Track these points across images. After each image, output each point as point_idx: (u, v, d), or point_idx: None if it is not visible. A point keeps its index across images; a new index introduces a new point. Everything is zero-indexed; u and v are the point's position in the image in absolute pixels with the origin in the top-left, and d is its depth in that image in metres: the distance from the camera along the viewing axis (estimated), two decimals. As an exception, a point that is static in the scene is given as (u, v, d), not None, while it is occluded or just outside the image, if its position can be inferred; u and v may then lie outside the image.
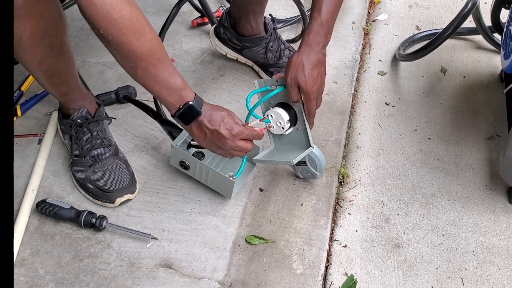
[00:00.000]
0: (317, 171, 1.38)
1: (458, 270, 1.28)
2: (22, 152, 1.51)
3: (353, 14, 2.04)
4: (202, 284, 1.24)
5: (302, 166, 1.39)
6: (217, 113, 1.22)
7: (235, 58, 1.77)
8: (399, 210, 1.41)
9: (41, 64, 1.26)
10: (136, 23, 1.06)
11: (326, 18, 1.24)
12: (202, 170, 1.37)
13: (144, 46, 1.09)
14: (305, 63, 1.24)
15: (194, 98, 1.19)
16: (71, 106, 1.43)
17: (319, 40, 1.25)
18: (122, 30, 1.05)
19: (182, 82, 1.18)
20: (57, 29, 1.22)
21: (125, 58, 1.11)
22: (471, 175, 1.49)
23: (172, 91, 1.17)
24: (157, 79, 1.14)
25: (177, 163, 1.40)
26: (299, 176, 1.43)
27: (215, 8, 1.98)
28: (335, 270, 1.29)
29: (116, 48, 1.09)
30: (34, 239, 1.32)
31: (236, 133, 1.23)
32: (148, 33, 1.09)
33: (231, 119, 1.23)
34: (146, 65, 1.11)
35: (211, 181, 1.39)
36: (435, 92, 1.75)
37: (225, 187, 1.37)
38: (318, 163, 1.36)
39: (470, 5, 1.61)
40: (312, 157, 1.35)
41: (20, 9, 1.09)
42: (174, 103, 1.19)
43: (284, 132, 1.33)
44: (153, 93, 1.19)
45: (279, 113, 1.31)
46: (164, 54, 1.14)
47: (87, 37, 1.91)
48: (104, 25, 1.04)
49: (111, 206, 1.38)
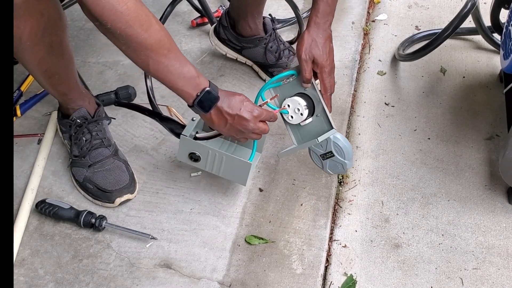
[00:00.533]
0: (345, 159, 1.32)
1: (457, 270, 1.28)
2: (21, 152, 1.51)
3: (352, 14, 2.04)
4: (201, 284, 1.24)
5: (329, 158, 1.33)
6: (235, 98, 1.22)
7: (235, 58, 1.77)
8: (399, 210, 1.41)
9: (40, 63, 1.26)
10: (142, 15, 1.06)
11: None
12: (215, 159, 1.32)
13: (152, 37, 1.08)
14: (317, 38, 1.27)
15: (209, 84, 1.19)
16: (71, 106, 1.43)
17: (327, 19, 1.29)
18: (129, 22, 1.04)
19: (195, 70, 1.17)
20: (56, 29, 1.22)
21: (135, 52, 1.10)
22: (470, 175, 1.49)
23: (187, 80, 1.16)
24: (170, 69, 1.13)
25: (186, 156, 1.35)
26: (329, 173, 1.36)
27: (214, 8, 1.98)
28: (334, 270, 1.29)
29: (125, 43, 1.08)
30: (33, 239, 1.32)
31: (257, 115, 1.23)
32: (155, 24, 1.09)
33: (249, 101, 1.24)
34: (157, 56, 1.11)
35: (224, 169, 1.34)
36: (434, 92, 1.75)
37: (240, 172, 1.33)
38: (344, 148, 1.30)
39: (469, 5, 1.61)
40: (337, 143, 1.31)
41: (19, 9, 1.09)
42: (190, 92, 1.18)
43: (303, 120, 1.31)
44: (168, 84, 1.17)
45: (296, 99, 1.30)
46: (173, 44, 1.13)
47: (87, 37, 1.91)
48: (111, 19, 1.03)
49: (110, 206, 1.38)
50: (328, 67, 1.29)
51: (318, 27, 1.28)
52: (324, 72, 1.29)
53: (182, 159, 1.36)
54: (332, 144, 1.30)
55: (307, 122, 1.32)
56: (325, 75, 1.29)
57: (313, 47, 1.27)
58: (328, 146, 1.31)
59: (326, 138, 1.29)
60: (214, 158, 1.33)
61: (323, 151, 1.32)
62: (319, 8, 1.28)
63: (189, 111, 1.63)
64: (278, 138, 1.56)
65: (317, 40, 1.27)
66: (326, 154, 1.32)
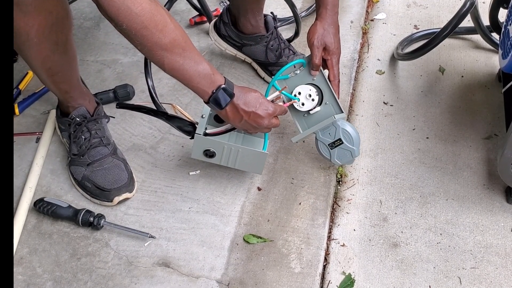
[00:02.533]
0: (354, 146, 1.37)
1: (455, 269, 1.29)
2: (20, 151, 1.51)
3: (351, 13, 2.04)
4: (200, 283, 1.24)
5: (338, 146, 1.38)
6: (251, 95, 1.25)
7: (234, 54, 1.77)
8: (397, 209, 1.41)
9: (45, 61, 1.27)
10: (157, 15, 1.07)
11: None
12: (230, 153, 1.35)
13: (167, 37, 1.09)
14: (328, 28, 1.35)
15: (225, 81, 1.20)
16: (71, 104, 1.43)
17: (335, 11, 1.37)
18: (144, 23, 1.05)
19: (211, 67, 1.18)
20: (63, 27, 1.24)
21: (150, 51, 1.11)
22: (469, 175, 1.49)
23: (202, 77, 1.17)
24: (185, 67, 1.14)
25: (201, 153, 1.36)
26: (336, 163, 1.41)
27: (213, 7, 1.98)
28: (333, 269, 1.29)
29: (140, 43, 1.09)
30: (32, 238, 1.32)
31: (272, 112, 1.27)
32: (170, 24, 1.10)
33: (264, 99, 1.27)
34: (172, 55, 1.12)
35: (240, 161, 1.36)
36: (433, 92, 1.75)
37: (257, 162, 1.37)
38: (352, 134, 1.36)
39: (468, 5, 1.61)
40: (346, 130, 1.37)
41: (29, 5, 1.12)
42: (206, 89, 1.19)
43: (314, 106, 1.37)
44: (184, 82, 1.18)
45: (306, 86, 1.37)
46: (188, 42, 1.14)
47: (85, 36, 1.91)
48: (126, 20, 1.04)
49: (109, 205, 1.38)
50: (338, 55, 1.38)
51: (328, 18, 1.36)
52: (334, 58, 1.36)
53: (197, 156, 1.37)
54: (341, 131, 1.36)
55: (316, 111, 1.38)
56: (334, 61, 1.37)
57: (325, 35, 1.35)
58: (337, 133, 1.36)
59: (335, 126, 1.36)
60: (229, 152, 1.35)
61: (332, 140, 1.38)
62: (327, 2, 1.35)
63: (190, 106, 1.64)
64: (276, 137, 1.56)
65: (329, 30, 1.35)
66: (335, 143, 1.38)
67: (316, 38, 1.34)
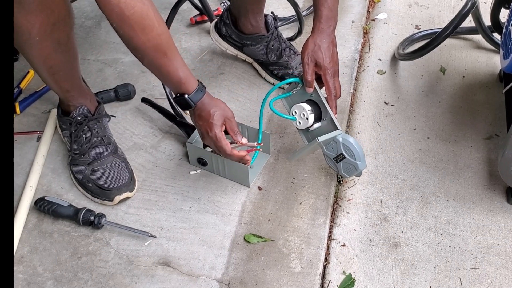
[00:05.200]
0: (356, 160, 1.33)
1: (456, 270, 1.29)
2: (20, 150, 1.51)
3: (352, 13, 2.04)
4: (200, 282, 1.24)
5: (342, 160, 1.35)
6: (206, 110, 1.29)
7: (235, 55, 1.77)
8: (398, 209, 1.41)
9: (46, 59, 1.27)
10: (146, 19, 1.14)
11: (332, 2, 1.33)
12: (219, 163, 1.41)
13: (151, 41, 1.16)
14: (320, 43, 1.33)
15: (193, 91, 1.26)
16: (72, 103, 1.43)
17: (330, 24, 1.34)
18: (133, 26, 1.13)
19: (184, 76, 1.25)
20: (65, 25, 1.24)
21: (134, 49, 1.18)
22: (469, 175, 1.49)
23: (172, 83, 1.27)
24: (161, 71, 1.23)
25: (195, 160, 1.45)
26: (345, 176, 1.38)
27: (214, 7, 1.98)
28: (333, 269, 1.29)
29: (126, 41, 1.16)
30: (32, 237, 1.32)
31: (214, 139, 1.30)
32: (156, 29, 1.16)
33: (217, 122, 1.29)
34: (152, 58, 1.20)
35: (229, 172, 1.43)
36: (434, 92, 1.75)
37: (242, 175, 1.41)
38: (353, 149, 1.32)
39: (469, 5, 1.61)
40: (346, 145, 1.33)
41: (31, 4, 1.13)
42: (173, 91, 1.30)
43: (310, 124, 1.36)
44: (158, 78, 1.30)
45: (301, 105, 1.35)
46: (171, 48, 1.22)
47: (86, 35, 1.91)
48: (117, 20, 1.12)
49: (109, 204, 1.38)
50: (331, 70, 1.34)
51: (321, 32, 1.33)
52: (327, 74, 1.33)
53: (194, 163, 1.47)
54: (342, 146, 1.33)
55: (316, 127, 1.37)
56: (328, 77, 1.33)
57: (315, 51, 1.33)
58: (338, 148, 1.34)
59: (336, 141, 1.33)
60: (217, 162, 1.42)
61: (335, 154, 1.35)
62: (322, 14, 1.33)
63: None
64: (278, 136, 1.56)
65: (321, 45, 1.32)
66: (338, 157, 1.36)
67: (306, 54, 1.33)
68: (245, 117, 1.61)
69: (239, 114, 1.63)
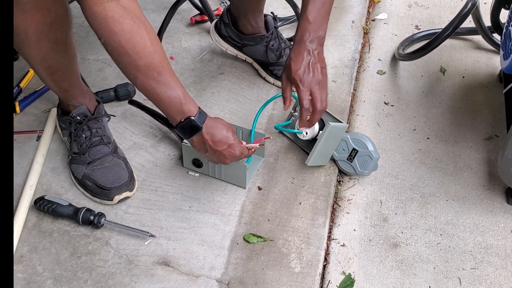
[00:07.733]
0: (369, 148, 1.39)
1: (455, 270, 1.29)
2: (20, 149, 1.51)
3: (352, 13, 2.04)
4: (200, 282, 1.24)
5: (356, 156, 1.41)
6: (222, 134, 1.22)
7: (235, 55, 1.77)
8: (397, 210, 1.41)
9: (44, 59, 1.27)
10: (136, 37, 1.08)
11: (312, 15, 1.29)
12: (215, 165, 1.40)
13: (143, 60, 1.09)
14: (292, 54, 1.30)
15: (196, 113, 1.18)
16: (71, 103, 1.43)
17: (308, 37, 1.30)
18: (122, 42, 1.07)
19: (184, 96, 1.16)
20: (62, 25, 1.23)
21: (124, 68, 1.12)
22: (469, 175, 1.49)
23: (173, 104, 1.16)
24: (157, 91, 1.14)
25: (189, 162, 1.44)
26: (364, 173, 1.43)
27: (214, 6, 1.98)
28: (333, 269, 1.29)
29: (116, 59, 1.11)
30: (32, 236, 1.32)
31: (238, 156, 1.26)
32: (148, 47, 1.09)
33: (235, 139, 1.24)
34: (145, 77, 1.12)
35: (224, 173, 1.42)
36: (434, 92, 1.75)
37: (239, 175, 1.40)
38: (361, 138, 1.39)
39: (469, 5, 1.61)
40: (356, 138, 1.41)
41: (27, 3, 1.12)
42: (175, 116, 1.18)
43: (315, 133, 1.43)
44: (154, 103, 1.18)
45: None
46: (165, 67, 1.13)
47: (86, 34, 1.91)
48: (105, 36, 1.07)
49: (109, 204, 1.38)
50: (303, 82, 1.29)
51: (299, 45, 1.30)
52: (297, 85, 1.30)
53: (188, 165, 1.46)
54: (352, 141, 1.40)
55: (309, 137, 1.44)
56: (298, 88, 1.30)
57: (287, 65, 1.31)
58: (349, 145, 1.40)
59: (344, 139, 1.41)
60: (213, 164, 1.40)
61: (347, 153, 1.42)
62: (299, 26, 1.32)
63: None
64: (277, 136, 1.56)
65: (292, 57, 1.30)
66: (351, 154, 1.41)
67: (282, 70, 1.34)
68: (245, 117, 1.61)
69: (239, 114, 1.63)
